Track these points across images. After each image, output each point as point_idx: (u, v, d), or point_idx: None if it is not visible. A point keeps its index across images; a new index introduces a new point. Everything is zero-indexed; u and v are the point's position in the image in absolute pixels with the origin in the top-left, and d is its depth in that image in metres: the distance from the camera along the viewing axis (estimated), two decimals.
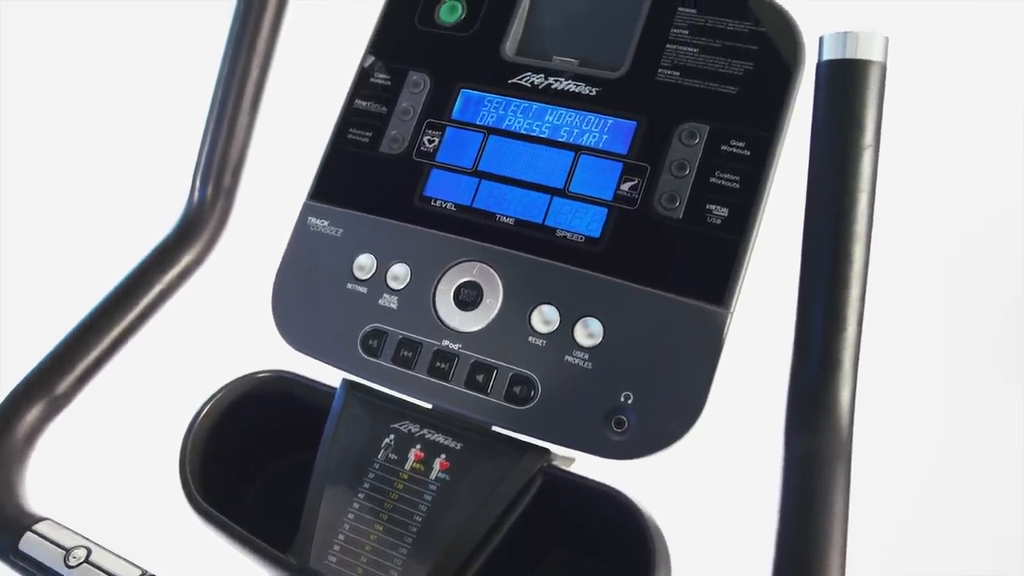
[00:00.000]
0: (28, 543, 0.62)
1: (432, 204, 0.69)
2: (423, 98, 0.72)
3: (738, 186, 0.62)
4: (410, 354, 0.66)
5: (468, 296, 0.65)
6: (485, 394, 0.63)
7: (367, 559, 0.63)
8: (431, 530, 0.62)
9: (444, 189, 0.69)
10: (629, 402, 0.60)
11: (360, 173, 0.72)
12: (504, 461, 0.63)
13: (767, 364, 0.63)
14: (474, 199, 0.68)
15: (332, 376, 0.69)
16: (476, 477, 0.63)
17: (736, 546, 0.80)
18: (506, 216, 0.67)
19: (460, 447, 0.64)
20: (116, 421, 1.09)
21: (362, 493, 0.65)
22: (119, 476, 1.17)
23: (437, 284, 0.67)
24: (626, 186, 0.64)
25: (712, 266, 0.61)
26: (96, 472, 1.18)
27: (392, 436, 0.66)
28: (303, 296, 0.70)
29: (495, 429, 0.64)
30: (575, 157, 0.66)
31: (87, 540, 0.62)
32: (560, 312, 0.63)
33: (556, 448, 0.63)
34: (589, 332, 0.62)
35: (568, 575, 0.71)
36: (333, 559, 0.63)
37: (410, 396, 0.66)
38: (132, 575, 0.61)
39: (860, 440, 0.57)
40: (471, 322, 0.65)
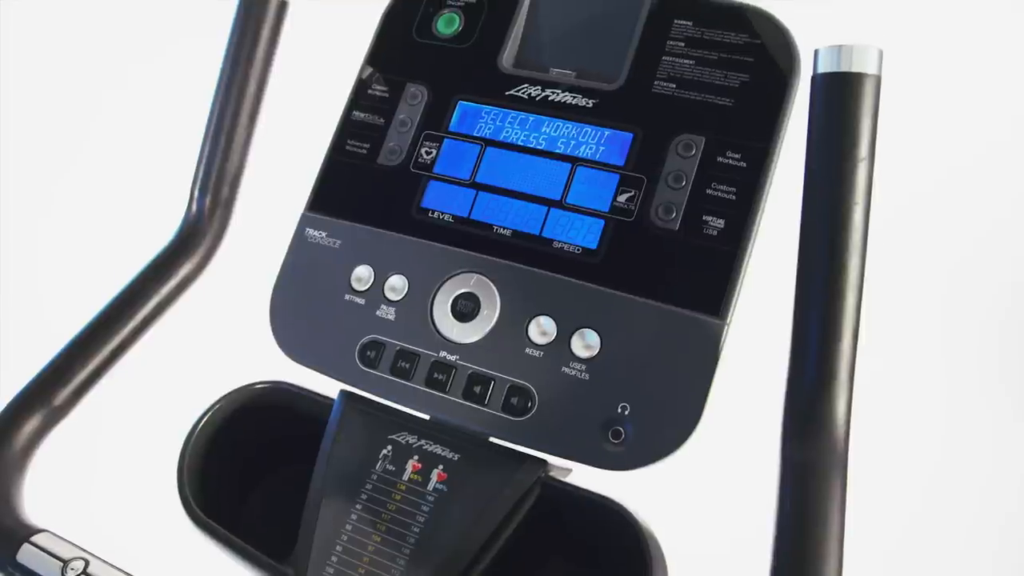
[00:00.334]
0: (26, 555, 0.62)
1: (430, 216, 0.69)
2: (421, 110, 0.72)
3: (734, 197, 0.62)
4: (408, 365, 0.66)
5: (465, 307, 0.66)
6: (482, 405, 0.63)
7: (365, 570, 0.63)
8: (429, 541, 0.63)
9: (442, 201, 0.69)
10: (626, 413, 0.60)
11: (358, 184, 0.72)
12: (501, 472, 0.63)
13: (764, 375, 0.64)
14: (471, 211, 0.68)
15: (330, 387, 0.69)
16: (473, 488, 0.63)
17: (733, 556, 0.80)
18: (503, 228, 0.67)
19: (457, 458, 0.65)
20: (114, 432, 1.09)
21: (360, 504, 0.65)
22: (117, 487, 1.17)
23: (435, 295, 0.67)
24: (623, 198, 0.65)
25: (708, 277, 0.61)
26: (94, 483, 1.18)
27: (390, 447, 0.66)
28: (301, 307, 0.71)
29: (492, 440, 0.64)
30: (572, 169, 0.67)
31: (85, 552, 0.62)
32: (557, 323, 0.63)
33: (553, 459, 0.63)
34: (586, 343, 0.62)
35: None
36: (331, 570, 0.63)
37: (407, 407, 0.66)
38: None
39: (856, 451, 0.57)
40: (468, 333, 0.65)
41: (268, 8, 0.78)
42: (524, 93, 0.70)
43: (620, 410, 0.60)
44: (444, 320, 0.66)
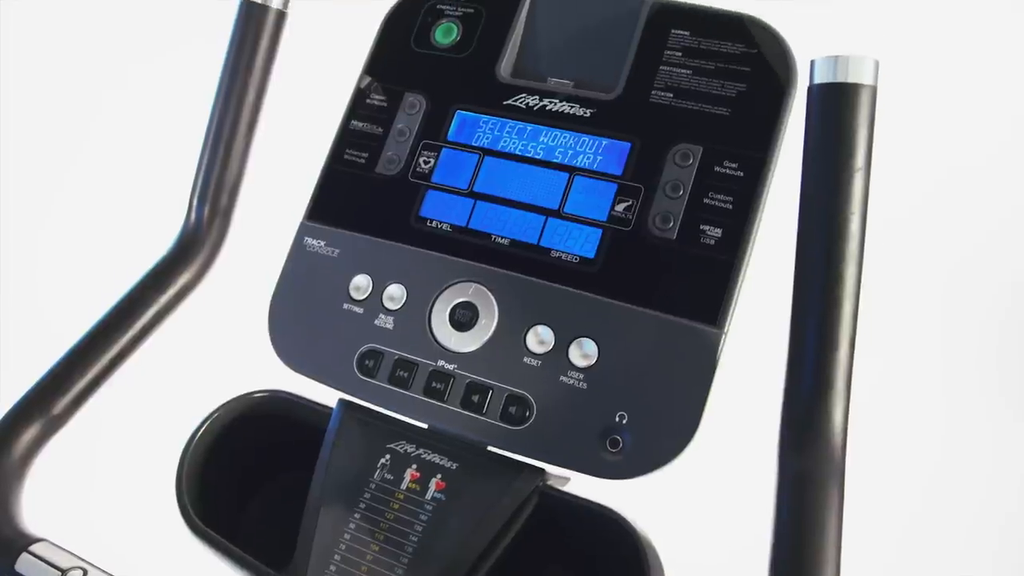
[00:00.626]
0: (24, 564, 0.62)
1: (428, 225, 0.69)
2: (419, 119, 0.73)
3: (731, 207, 0.62)
4: (406, 374, 0.66)
5: (464, 316, 0.66)
6: (481, 414, 0.64)
7: None
8: (427, 550, 0.63)
9: (440, 210, 0.69)
10: (624, 422, 0.60)
11: (356, 194, 0.72)
12: (500, 481, 0.63)
13: (761, 384, 0.64)
14: (470, 220, 0.68)
15: (328, 396, 0.69)
16: (472, 497, 0.63)
17: (731, 565, 0.80)
18: (501, 237, 0.67)
19: (456, 467, 0.65)
20: (113, 441, 1.09)
21: (358, 513, 0.65)
22: (116, 496, 1.17)
23: (433, 304, 0.67)
24: (620, 207, 0.65)
25: (706, 286, 0.61)
26: (93, 492, 1.18)
27: (388, 456, 0.66)
28: (299, 316, 0.71)
29: (491, 449, 0.64)
30: (570, 178, 0.67)
31: (83, 561, 0.62)
32: (555, 333, 0.63)
33: (551, 468, 0.63)
34: (584, 353, 0.62)
35: None
36: None
37: (406, 416, 0.66)
38: None
39: (854, 458, 0.57)
40: (467, 342, 0.65)
41: (267, 17, 0.78)
42: (522, 103, 0.70)
43: (618, 419, 0.61)
44: (442, 329, 0.66)
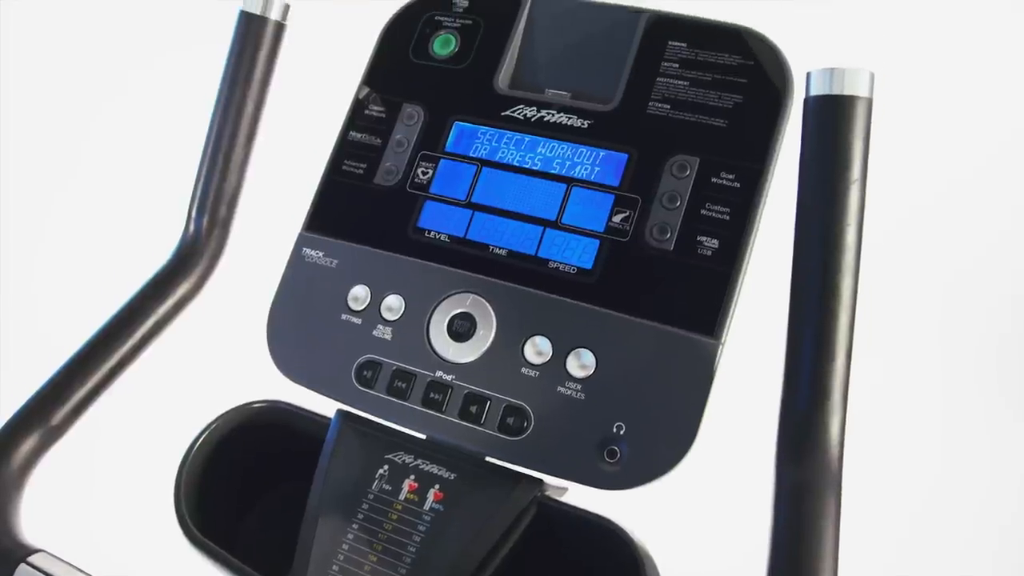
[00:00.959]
0: (22, 575, 0.62)
1: (426, 236, 0.70)
2: (417, 130, 0.73)
3: (728, 218, 0.63)
4: (404, 385, 0.66)
5: (462, 327, 0.66)
6: (479, 425, 0.64)
7: None
8: (425, 561, 0.63)
9: (438, 221, 0.70)
10: (621, 433, 0.61)
11: (355, 204, 0.72)
12: (498, 492, 0.64)
13: (758, 394, 0.64)
14: (467, 231, 0.69)
15: (327, 406, 0.69)
16: (470, 508, 0.64)
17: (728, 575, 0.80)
18: (499, 248, 0.67)
19: (454, 478, 0.65)
20: (111, 451, 1.09)
21: (356, 524, 0.65)
22: (114, 507, 1.17)
23: (431, 315, 0.67)
24: (618, 218, 0.65)
25: (703, 297, 0.62)
26: (91, 503, 1.18)
27: (386, 467, 0.66)
28: (298, 326, 0.71)
29: (489, 460, 0.64)
30: (567, 189, 0.67)
31: (82, 572, 0.62)
32: (553, 343, 0.64)
33: (549, 478, 0.63)
34: (582, 363, 0.62)
35: None
36: None
37: (404, 427, 0.67)
38: None
39: (851, 467, 0.57)
40: (465, 353, 0.66)
41: (266, 29, 0.78)
42: (520, 114, 0.70)
43: (616, 429, 0.61)
44: (440, 340, 0.66)
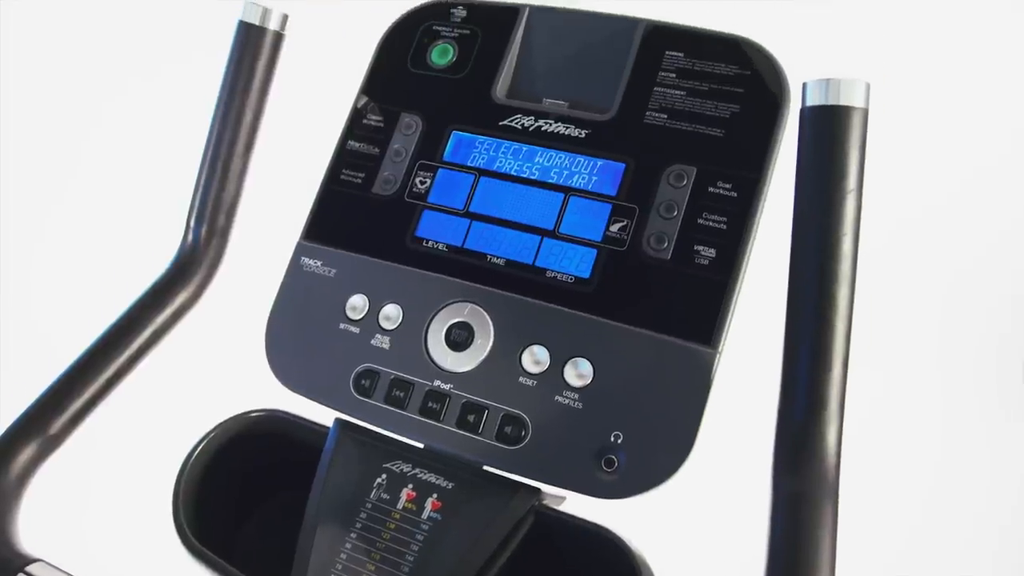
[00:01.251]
0: None
1: (424, 245, 0.70)
2: (415, 140, 0.73)
3: (725, 227, 0.63)
4: (402, 394, 0.66)
5: (459, 336, 0.66)
6: (476, 434, 0.64)
7: None
8: (423, 570, 0.63)
9: (436, 230, 0.70)
10: (619, 442, 0.61)
11: (353, 214, 0.73)
12: (495, 501, 0.64)
13: (756, 403, 0.64)
14: (465, 240, 0.69)
15: (325, 415, 0.70)
16: (468, 517, 0.64)
17: None
18: (497, 257, 0.68)
19: (452, 487, 0.65)
20: (110, 460, 1.09)
21: (354, 532, 0.65)
22: (112, 515, 1.17)
23: (429, 324, 0.67)
24: (615, 227, 0.65)
25: (700, 306, 0.62)
26: (90, 512, 1.17)
27: (384, 475, 0.66)
28: (296, 335, 0.71)
29: (486, 469, 0.64)
30: (565, 199, 0.67)
31: None
32: (550, 352, 0.64)
33: (547, 487, 0.63)
34: (579, 372, 0.63)
35: None
36: None
37: (402, 436, 0.67)
38: None
39: (849, 476, 0.58)
40: (462, 362, 0.66)
41: (264, 39, 0.78)
42: (517, 123, 0.71)
43: (613, 439, 0.61)
44: (438, 349, 0.67)
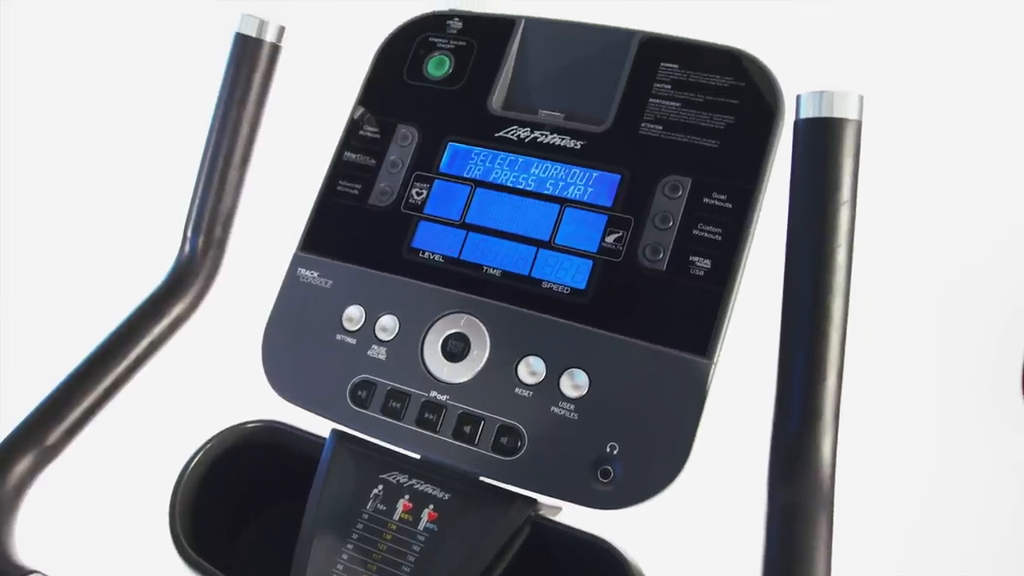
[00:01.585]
0: None
1: (420, 256, 0.70)
2: (411, 151, 0.73)
3: (720, 238, 0.63)
4: (398, 405, 0.66)
5: (456, 347, 0.66)
6: (473, 445, 0.64)
7: None
8: None
9: (432, 241, 0.70)
10: (615, 452, 0.61)
11: (349, 225, 0.73)
12: (492, 511, 0.64)
13: (751, 414, 0.64)
14: (461, 251, 0.69)
15: (321, 426, 0.70)
16: (464, 527, 0.64)
17: None
18: (493, 268, 0.68)
19: (448, 497, 0.65)
20: (106, 471, 1.08)
21: (351, 544, 0.65)
22: (109, 527, 1.17)
23: (425, 335, 0.67)
24: (611, 238, 0.66)
25: (695, 317, 0.62)
26: (86, 523, 1.17)
27: (381, 486, 0.66)
28: (293, 346, 0.71)
29: (483, 479, 0.65)
30: (560, 210, 0.68)
31: None
32: (546, 363, 0.64)
33: (543, 498, 0.64)
34: (575, 383, 0.63)
35: None
36: None
37: (398, 447, 0.67)
38: None
39: (844, 487, 0.58)
40: (459, 373, 0.66)
41: (261, 51, 0.79)
42: (513, 135, 0.71)
43: (609, 449, 0.61)
44: (434, 360, 0.67)
